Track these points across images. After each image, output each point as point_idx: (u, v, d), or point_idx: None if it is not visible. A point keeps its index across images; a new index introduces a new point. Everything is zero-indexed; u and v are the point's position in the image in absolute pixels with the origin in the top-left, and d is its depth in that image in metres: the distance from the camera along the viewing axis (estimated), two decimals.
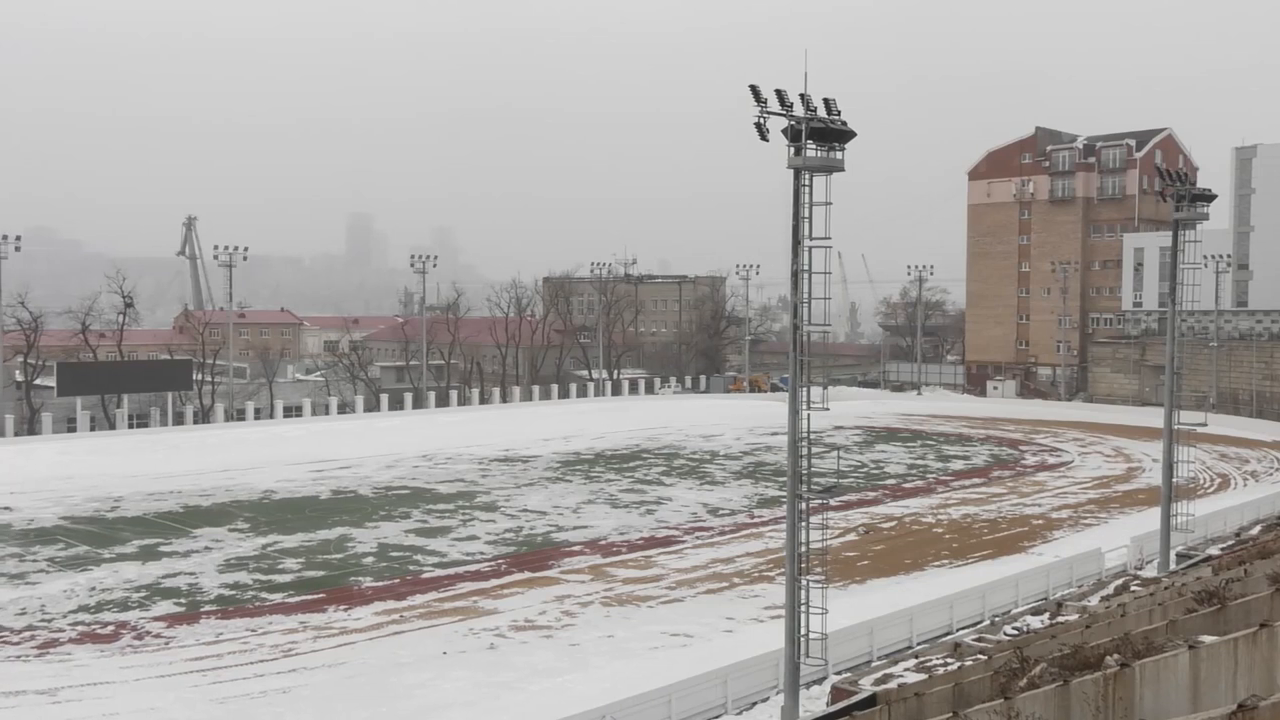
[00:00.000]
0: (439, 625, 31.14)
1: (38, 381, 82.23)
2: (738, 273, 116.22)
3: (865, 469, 62.30)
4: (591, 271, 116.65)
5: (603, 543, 42.45)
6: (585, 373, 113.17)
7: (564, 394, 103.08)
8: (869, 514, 48.50)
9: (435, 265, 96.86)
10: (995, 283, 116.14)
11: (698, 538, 43.66)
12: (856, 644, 27.97)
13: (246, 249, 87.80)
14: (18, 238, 76.97)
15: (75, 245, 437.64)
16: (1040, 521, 47.33)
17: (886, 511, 49.30)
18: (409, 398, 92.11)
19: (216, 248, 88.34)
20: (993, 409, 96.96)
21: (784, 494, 28.87)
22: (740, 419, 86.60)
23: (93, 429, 77.80)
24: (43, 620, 31.26)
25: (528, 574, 37.28)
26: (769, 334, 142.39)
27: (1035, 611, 32.25)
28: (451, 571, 37.63)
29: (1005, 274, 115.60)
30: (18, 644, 29.08)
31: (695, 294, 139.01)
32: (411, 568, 38.16)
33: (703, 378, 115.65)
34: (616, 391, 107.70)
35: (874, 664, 27.28)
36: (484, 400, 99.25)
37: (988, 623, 31.41)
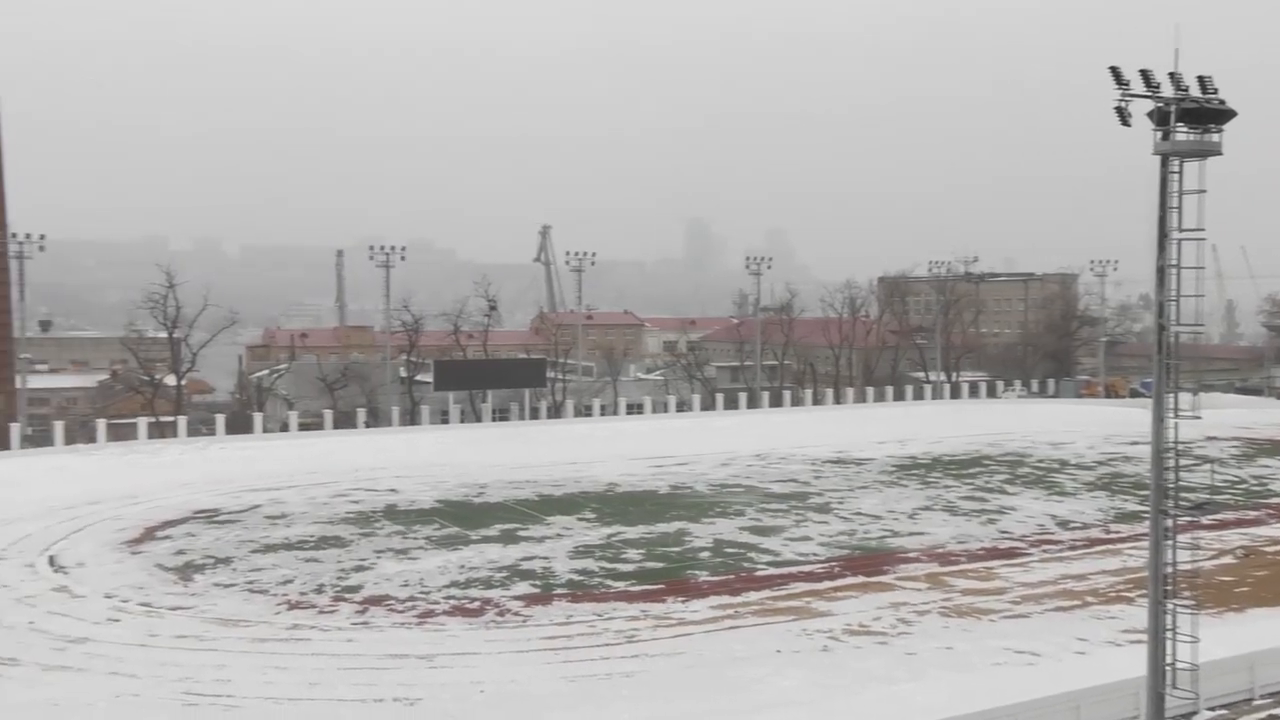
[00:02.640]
0: (773, 623, 31.47)
1: (418, 378, 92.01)
2: (1092, 269, 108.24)
3: (1244, 485, 55.80)
4: (929, 270, 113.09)
5: (940, 551, 41.03)
6: (921, 375, 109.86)
7: (899, 396, 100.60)
8: (1249, 535, 43.41)
9: (770, 267, 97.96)
10: None
11: (1045, 551, 41.10)
12: (1233, 679, 25.14)
13: (594, 254, 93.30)
14: (403, 249, 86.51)
15: (449, 254, 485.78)
16: None
17: (1272, 534, 43.89)
18: (743, 397, 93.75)
19: (568, 254, 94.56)
20: None
21: (1145, 509, 26.47)
22: (1093, 426, 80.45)
23: (462, 421, 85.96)
24: (421, 593, 34.87)
25: (862, 578, 36.79)
26: (1128, 335, 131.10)
27: None
28: (785, 571, 37.89)
29: None
30: (402, 612, 32.66)
31: (1043, 292, 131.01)
32: (746, 565, 38.84)
33: (1050, 381, 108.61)
34: (955, 395, 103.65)
35: (1255, 703, 24.48)
36: (817, 401, 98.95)
37: None
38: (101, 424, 74.11)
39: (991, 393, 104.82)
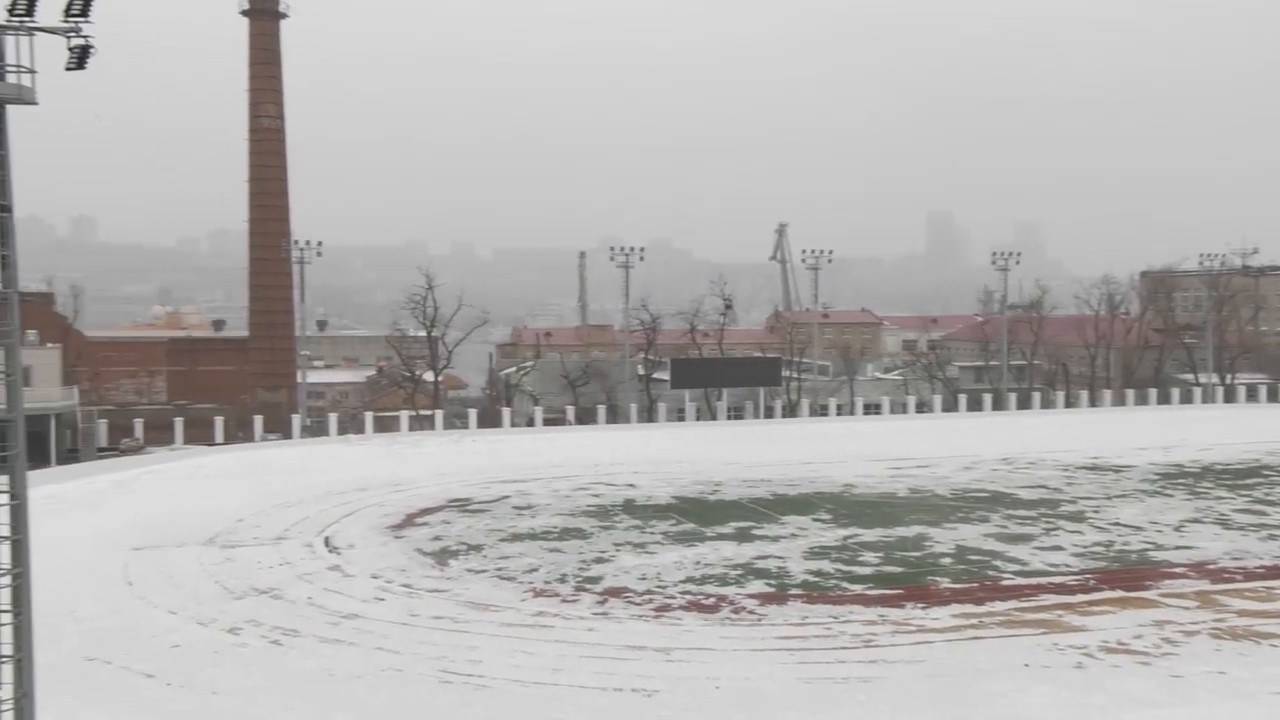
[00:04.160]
0: (1019, 635, 30.01)
1: (655, 375, 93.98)
2: None
3: None
4: (1200, 264, 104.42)
5: (1211, 567, 37.78)
6: (1190, 376, 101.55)
7: (1163, 399, 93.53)
8: None
9: (1018, 262, 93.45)
10: None
11: None
12: None
13: (831, 252, 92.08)
14: (642, 249, 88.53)
15: (685, 254, 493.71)
16: None
17: None
18: (988, 399, 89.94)
19: (804, 252, 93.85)
20: None
21: None
22: None
23: (697, 419, 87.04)
24: (658, 587, 35.58)
25: (1120, 593, 34.44)
26: None
27: None
28: (1033, 581, 36.02)
29: None
30: (639, 605, 33.44)
31: None
32: (990, 573, 37.22)
33: None
34: (1229, 398, 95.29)
35: None
36: (1069, 404, 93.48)
37: None
38: (369, 416, 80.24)
39: (1273, 397, 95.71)
